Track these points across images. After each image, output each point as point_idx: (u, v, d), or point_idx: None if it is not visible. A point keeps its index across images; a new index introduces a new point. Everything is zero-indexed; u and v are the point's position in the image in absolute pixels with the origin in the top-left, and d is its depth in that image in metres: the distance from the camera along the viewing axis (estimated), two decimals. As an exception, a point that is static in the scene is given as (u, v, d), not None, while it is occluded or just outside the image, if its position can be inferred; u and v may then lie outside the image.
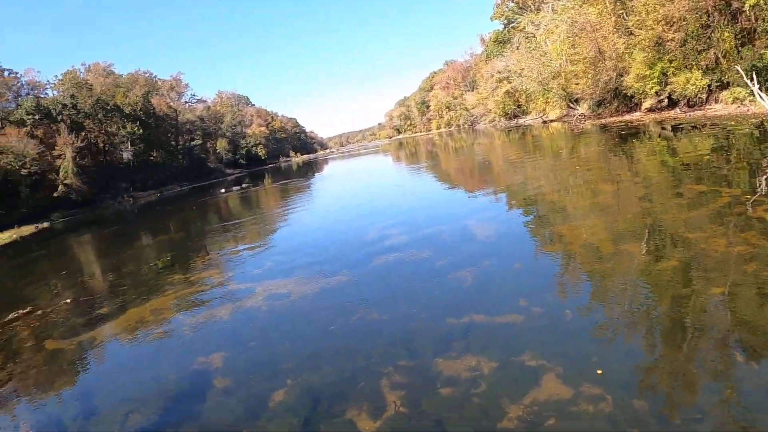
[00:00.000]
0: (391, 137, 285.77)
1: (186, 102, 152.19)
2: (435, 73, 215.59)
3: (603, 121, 54.58)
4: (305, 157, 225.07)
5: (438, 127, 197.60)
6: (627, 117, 51.77)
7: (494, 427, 6.89)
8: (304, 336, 11.45)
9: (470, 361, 8.59)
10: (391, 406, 7.82)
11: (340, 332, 11.14)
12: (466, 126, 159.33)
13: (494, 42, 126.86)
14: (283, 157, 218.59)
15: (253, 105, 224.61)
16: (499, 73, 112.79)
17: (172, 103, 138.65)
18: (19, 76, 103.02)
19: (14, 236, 61.11)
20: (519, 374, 7.94)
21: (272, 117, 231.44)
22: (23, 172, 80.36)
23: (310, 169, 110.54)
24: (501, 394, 7.54)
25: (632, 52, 48.69)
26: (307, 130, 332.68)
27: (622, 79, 51.71)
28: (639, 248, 12.20)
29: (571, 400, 7.07)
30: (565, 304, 10.12)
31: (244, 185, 79.17)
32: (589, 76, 57.07)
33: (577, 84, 61.77)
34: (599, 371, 7.49)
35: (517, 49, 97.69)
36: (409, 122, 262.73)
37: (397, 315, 11.40)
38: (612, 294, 10.18)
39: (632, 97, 51.81)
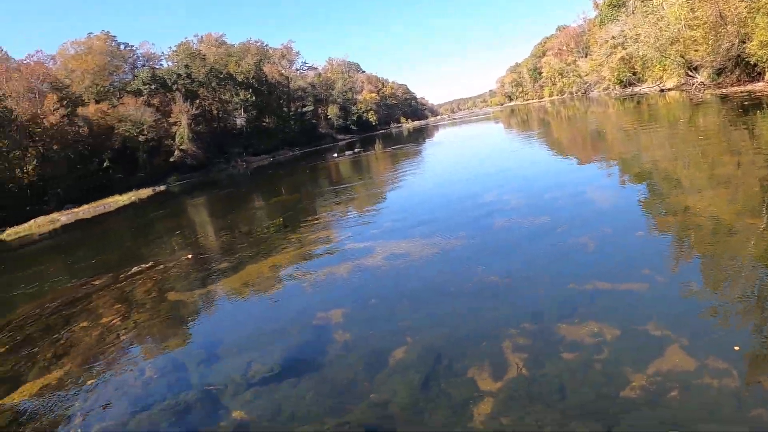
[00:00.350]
0: (502, 104, 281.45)
1: (297, 69, 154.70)
2: (547, 38, 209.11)
3: (723, 90, 50.71)
4: (416, 123, 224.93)
5: (550, 95, 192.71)
6: (749, 87, 47.50)
7: (616, 394, 6.60)
8: (424, 295, 11.27)
9: (593, 327, 8.27)
10: (513, 368, 7.60)
11: (460, 293, 10.90)
12: (579, 93, 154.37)
13: (608, 6, 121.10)
14: (394, 123, 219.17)
15: (364, 71, 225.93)
16: (614, 38, 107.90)
17: (283, 71, 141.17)
18: (134, 48, 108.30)
19: (133, 198, 64.37)
20: (642, 343, 7.58)
21: (383, 83, 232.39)
22: (141, 138, 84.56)
23: (420, 134, 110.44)
24: (624, 362, 7.23)
25: (755, 17, 45.21)
26: (418, 96, 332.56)
27: (744, 45, 48.01)
28: (763, 223, 11.32)
29: (695, 372, 6.68)
30: (689, 275, 9.56)
31: (355, 150, 79.69)
32: (709, 42, 53.15)
33: (696, 51, 57.81)
34: (736, 347, 6.97)
35: (633, 13, 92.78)
36: (520, 89, 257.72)
37: (518, 278, 11.10)
38: (736, 268, 9.45)
39: (755, 65, 48.01)
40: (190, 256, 20.14)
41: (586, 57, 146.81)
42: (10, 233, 55.45)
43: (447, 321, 9.65)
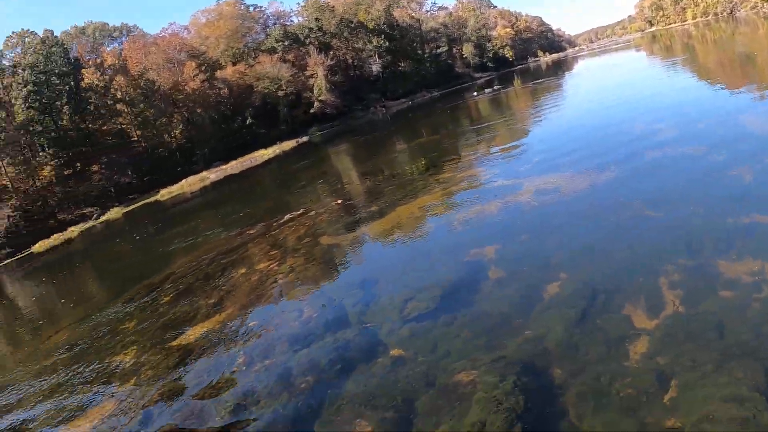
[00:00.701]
0: (642, 30, 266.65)
1: (427, 11, 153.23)
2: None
3: None
4: (554, 56, 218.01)
5: (693, 17, 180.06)
6: None
7: (776, 335, 6.04)
8: (577, 230, 10.90)
9: (752, 264, 7.62)
10: (669, 305, 7.20)
11: (612, 227, 10.46)
12: (724, 14, 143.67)
13: None
14: (531, 57, 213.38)
15: (495, 6, 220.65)
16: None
17: (413, 14, 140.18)
18: (263, 9, 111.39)
19: (277, 151, 66.66)
20: (807, 283, 6.85)
21: (516, 17, 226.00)
22: (280, 93, 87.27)
23: (559, 68, 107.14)
24: (786, 302, 6.58)
25: None
26: (554, 28, 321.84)
27: None
28: None
29: None
30: None
31: (494, 87, 78.34)
32: None
33: None
34: None
35: None
36: (661, 13, 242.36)
37: (673, 212, 10.41)
38: None
39: None
40: (339, 202, 20.55)
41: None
42: (164, 194, 59.49)
43: (600, 256, 9.33)
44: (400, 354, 8.00)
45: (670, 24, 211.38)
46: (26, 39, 72.22)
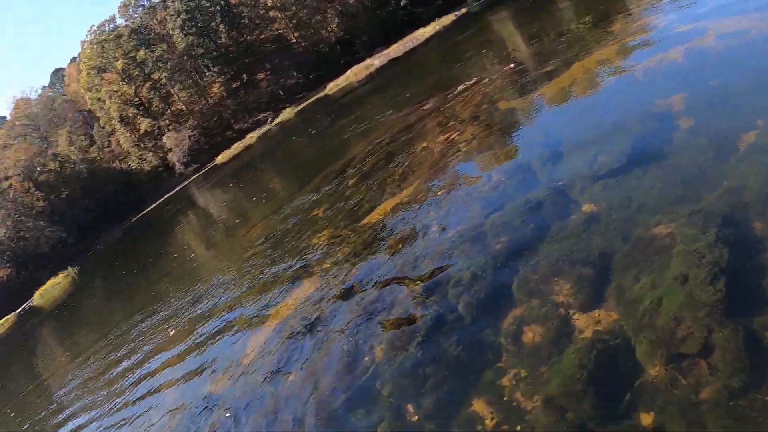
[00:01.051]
0: None
1: None
2: None
3: None
4: None
5: None
6: None
7: None
8: (769, 74, 9.88)
9: None
10: None
11: None
12: None
13: None
14: None
15: None
16: None
17: None
18: None
19: (437, 27, 65.47)
20: None
21: None
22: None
23: None
24: None
25: None
26: None
27: None
28: None
29: None
30: None
31: None
32: None
33: None
34: None
35: None
36: None
37: None
38: None
39: None
40: (510, 66, 20.01)
41: None
42: (332, 87, 61.36)
43: (802, 101, 8.46)
44: (592, 210, 7.96)
45: None
46: (168, -27, 76.75)
